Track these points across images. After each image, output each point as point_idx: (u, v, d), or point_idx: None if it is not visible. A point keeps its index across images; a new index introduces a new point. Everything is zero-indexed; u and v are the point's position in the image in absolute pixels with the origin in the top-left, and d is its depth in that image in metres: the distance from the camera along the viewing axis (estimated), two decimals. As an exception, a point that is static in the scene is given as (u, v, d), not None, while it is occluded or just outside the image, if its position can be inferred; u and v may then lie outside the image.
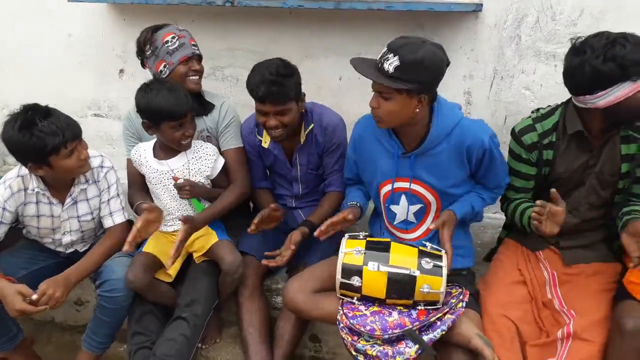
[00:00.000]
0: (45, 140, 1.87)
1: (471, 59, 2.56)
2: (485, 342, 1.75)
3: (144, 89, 2.08)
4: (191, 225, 2.09)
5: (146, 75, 2.91)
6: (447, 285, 1.81)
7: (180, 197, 2.19)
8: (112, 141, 3.20)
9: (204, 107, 2.31)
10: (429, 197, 1.98)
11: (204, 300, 2.11)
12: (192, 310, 2.07)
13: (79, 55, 3.04)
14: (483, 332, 1.83)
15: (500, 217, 2.36)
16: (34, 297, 1.88)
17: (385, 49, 1.77)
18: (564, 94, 1.95)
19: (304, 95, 2.19)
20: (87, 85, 3.10)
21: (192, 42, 2.22)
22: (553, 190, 1.80)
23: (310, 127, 2.24)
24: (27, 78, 3.15)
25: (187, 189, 2.15)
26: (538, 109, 2.07)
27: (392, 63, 1.73)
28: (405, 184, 1.97)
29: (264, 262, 2.14)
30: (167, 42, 2.16)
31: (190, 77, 2.21)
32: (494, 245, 2.30)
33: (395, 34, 2.52)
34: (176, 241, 2.05)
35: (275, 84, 2.02)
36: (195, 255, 2.23)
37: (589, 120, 1.89)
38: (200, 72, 2.25)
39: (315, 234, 1.98)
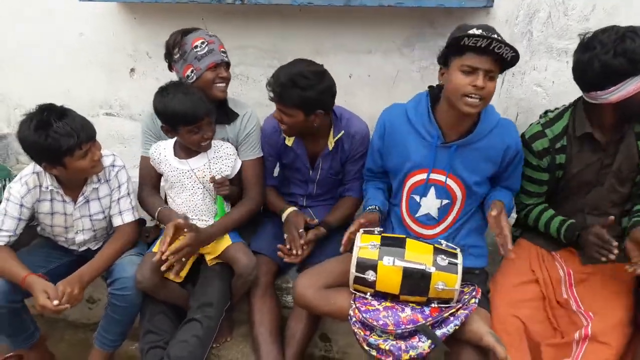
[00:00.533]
0: (60, 142, 1.88)
1: (482, 55, 2.53)
2: (496, 339, 1.75)
3: (161, 93, 2.08)
4: (197, 236, 2.05)
5: (156, 75, 2.95)
6: (460, 284, 1.80)
7: (218, 194, 2.20)
8: (123, 140, 3.22)
9: (228, 115, 2.29)
10: (458, 192, 1.98)
11: (217, 302, 2.11)
12: (205, 312, 2.07)
13: (90, 54, 3.06)
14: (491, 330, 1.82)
15: (513, 217, 2.34)
16: (55, 302, 1.91)
17: (481, 30, 1.75)
18: (575, 91, 1.93)
19: (322, 113, 2.11)
20: (98, 84, 3.12)
21: (222, 49, 2.20)
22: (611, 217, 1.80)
23: (341, 134, 2.23)
24: (38, 78, 3.17)
25: (226, 185, 2.18)
26: (546, 113, 2.06)
27: (508, 53, 1.72)
28: (441, 177, 1.96)
29: (279, 254, 2.16)
30: (196, 46, 2.13)
31: (217, 85, 2.19)
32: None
33: (405, 30, 2.54)
34: (167, 240, 1.97)
35: (280, 86, 2.04)
36: (207, 257, 2.23)
37: (601, 117, 1.88)
38: (227, 80, 2.22)
39: (341, 250, 1.91)
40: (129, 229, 2.21)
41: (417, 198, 2.02)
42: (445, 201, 1.99)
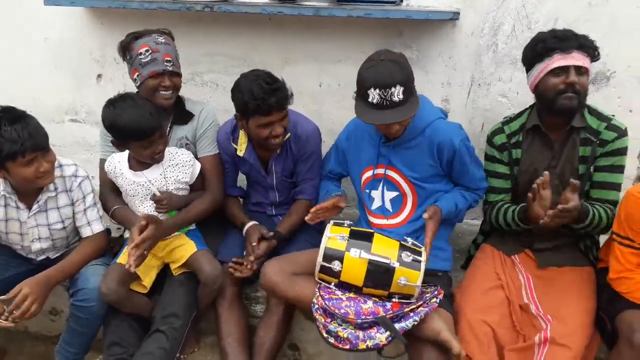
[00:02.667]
0: (2, 146, 1.85)
1: (449, 66, 2.58)
2: (453, 335, 1.80)
3: (109, 106, 2.03)
4: (158, 227, 2.03)
5: (124, 80, 2.91)
6: (422, 284, 1.84)
7: (157, 212, 2.16)
8: (89, 147, 3.16)
9: (184, 116, 2.30)
10: (404, 186, 2.08)
11: (183, 312, 2.08)
12: (171, 323, 2.04)
13: (55, 59, 3.00)
14: (460, 337, 1.85)
15: (478, 224, 2.38)
16: (2, 297, 1.86)
17: (377, 89, 1.82)
18: (539, 102, 1.99)
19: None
20: (64, 90, 3.05)
21: (167, 58, 2.14)
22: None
23: (287, 135, 2.24)
24: (2, 83, 3.08)
25: (164, 204, 2.13)
26: (509, 115, 2.14)
27: (398, 92, 1.82)
28: (381, 170, 2.08)
29: (230, 268, 2.14)
30: (140, 53, 2.13)
31: (161, 92, 2.17)
32: (471, 250, 2.33)
33: (374, 41, 2.57)
34: (139, 236, 1.96)
35: (277, 90, 2.05)
36: (172, 266, 2.20)
37: (543, 111, 2.01)
38: (171, 88, 2.18)
39: (307, 218, 2.04)
40: (99, 239, 2.18)
41: (369, 191, 2.14)
42: (394, 193, 2.10)
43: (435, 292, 1.88)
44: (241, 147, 2.27)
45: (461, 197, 2.10)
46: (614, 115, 2.01)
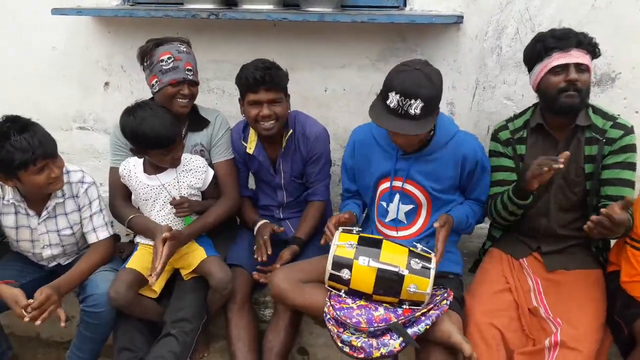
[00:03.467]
0: (14, 155, 1.86)
1: (454, 69, 2.59)
2: (464, 338, 1.80)
3: (128, 114, 2.06)
4: (179, 239, 2.09)
5: (131, 88, 2.94)
6: (433, 286, 1.84)
7: (176, 216, 2.18)
8: (97, 154, 3.18)
9: (199, 123, 2.32)
10: (421, 197, 2.06)
11: (193, 317, 2.10)
12: (182, 327, 2.05)
13: (63, 68, 3.03)
14: (469, 339, 1.85)
15: (486, 227, 2.39)
16: (29, 300, 1.90)
17: (398, 95, 1.79)
18: (544, 104, 2.00)
19: (289, 96, 2.25)
20: (72, 98, 3.08)
21: (188, 67, 2.18)
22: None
23: (289, 132, 2.27)
24: (11, 91, 3.12)
25: (185, 207, 2.16)
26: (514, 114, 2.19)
27: (417, 107, 1.79)
28: (399, 183, 2.05)
29: (255, 275, 2.18)
30: (162, 60, 2.14)
31: (178, 100, 2.19)
32: (479, 255, 2.33)
33: (378, 46, 2.59)
34: (161, 256, 2.02)
35: (268, 69, 2.10)
36: (183, 272, 2.21)
37: (547, 114, 2.02)
38: (190, 96, 2.22)
39: (321, 242, 2.03)
40: (105, 245, 2.19)
41: (385, 204, 2.11)
42: (410, 206, 2.08)
43: (445, 295, 1.88)
44: (251, 144, 2.30)
45: (472, 211, 2.11)
46: (619, 115, 2.01)
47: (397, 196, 2.07)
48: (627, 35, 2.36)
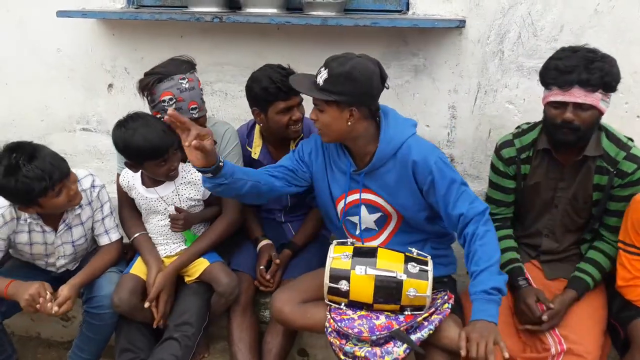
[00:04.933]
0: (32, 185, 1.83)
1: (455, 73, 2.60)
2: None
3: (120, 127, 2.02)
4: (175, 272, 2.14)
5: (135, 90, 2.87)
6: (432, 291, 1.83)
7: (172, 230, 2.18)
8: (100, 156, 3.19)
9: None
10: (387, 207, 1.97)
11: (195, 321, 2.10)
12: (184, 331, 2.06)
13: (67, 70, 3.04)
14: None
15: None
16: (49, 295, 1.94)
17: (323, 66, 1.82)
18: (545, 108, 1.99)
19: None
20: (76, 99, 3.10)
21: (192, 106, 2.09)
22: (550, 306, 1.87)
23: (301, 136, 2.27)
24: (14, 93, 3.13)
25: (180, 223, 2.15)
26: (519, 127, 2.12)
27: (322, 76, 1.79)
28: (356, 196, 1.96)
29: (257, 283, 2.21)
30: (164, 100, 2.06)
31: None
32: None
33: (381, 49, 2.60)
34: (153, 287, 2.08)
35: (290, 73, 2.08)
36: (187, 279, 2.21)
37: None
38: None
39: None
40: (116, 247, 2.21)
41: (350, 218, 2.03)
42: (377, 214, 1.99)
43: (446, 297, 1.87)
44: (255, 149, 2.30)
45: (484, 244, 1.78)
46: (633, 141, 1.94)
47: (364, 207, 1.98)
48: (629, 40, 2.36)
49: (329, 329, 1.84)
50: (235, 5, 2.72)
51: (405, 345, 1.75)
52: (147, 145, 1.98)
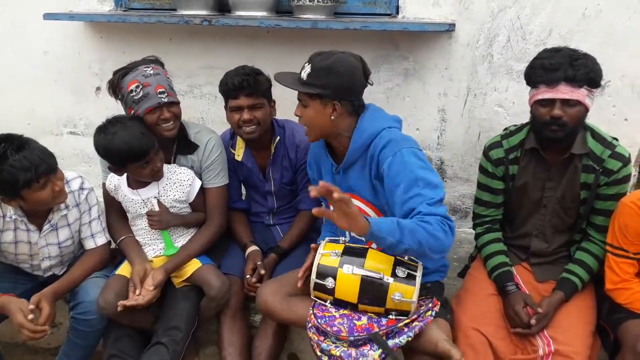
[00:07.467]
0: (17, 175, 1.82)
1: (445, 77, 2.61)
2: (451, 344, 1.77)
3: (100, 133, 2.02)
4: (163, 278, 2.10)
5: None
6: (420, 298, 1.82)
7: (150, 227, 2.17)
8: (88, 159, 3.17)
9: (188, 146, 2.24)
10: (370, 212, 1.93)
11: (184, 325, 2.08)
12: (172, 336, 2.04)
13: (55, 73, 3.02)
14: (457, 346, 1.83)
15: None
16: (31, 316, 1.90)
17: (307, 62, 1.84)
18: (534, 111, 2.00)
19: (274, 102, 2.26)
20: (63, 103, 3.07)
21: (159, 90, 2.05)
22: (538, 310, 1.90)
23: (277, 139, 2.27)
24: (1, 95, 3.10)
25: (156, 219, 2.14)
26: (507, 128, 2.13)
27: (306, 70, 1.82)
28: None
29: (245, 289, 2.19)
30: (131, 91, 2.03)
31: (162, 125, 2.09)
32: (468, 262, 2.33)
33: (371, 53, 2.60)
34: (145, 287, 2.05)
35: (248, 76, 2.11)
36: (175, 280, 2.20)
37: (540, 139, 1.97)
38: (172, 118, 2.10)
39: (299, 285, 1.91)
40: (102, 251, 2.18)
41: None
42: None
43: (430, 305, 1.85)
44: (239, 151, 2.30)
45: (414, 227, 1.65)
46: (617, 140, 1.96)
47: None
48: (617, 44, 2.39)
49: (310, 324, 1.84)
50: (224, 8, 2.72)
51: (380, 350, 1.74)
52: (127, 148, 1.98)
